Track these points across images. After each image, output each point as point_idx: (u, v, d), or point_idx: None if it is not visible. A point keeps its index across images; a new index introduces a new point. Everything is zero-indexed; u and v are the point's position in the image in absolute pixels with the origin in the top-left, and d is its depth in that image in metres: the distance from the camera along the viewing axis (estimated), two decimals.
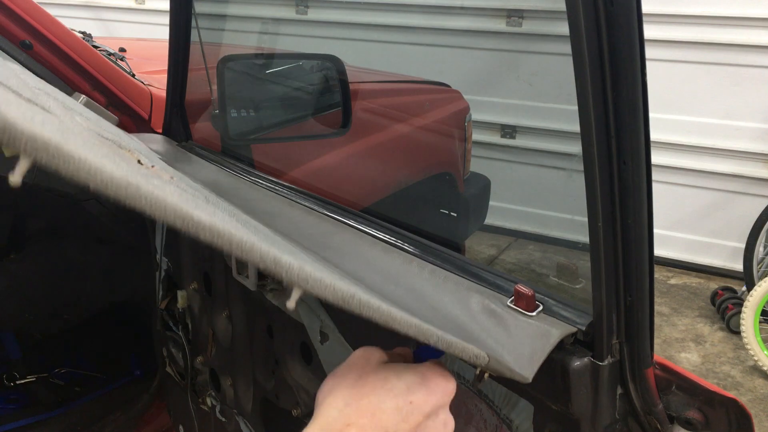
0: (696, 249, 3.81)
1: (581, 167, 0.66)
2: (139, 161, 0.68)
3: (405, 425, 0.55)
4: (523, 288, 0.77)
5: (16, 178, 0.34)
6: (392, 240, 0.98)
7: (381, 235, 1.00)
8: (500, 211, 2.84)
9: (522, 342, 0.72)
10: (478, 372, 0.71)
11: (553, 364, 0.71)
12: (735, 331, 3.20)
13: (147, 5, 5.09)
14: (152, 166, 0.70)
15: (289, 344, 1.21)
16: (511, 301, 0.78)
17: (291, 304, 0.69)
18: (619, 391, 0.74)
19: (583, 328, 0.73)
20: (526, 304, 0.76)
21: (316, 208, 1.11)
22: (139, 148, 0.95)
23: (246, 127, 1.67)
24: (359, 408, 0.54)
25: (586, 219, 0.68)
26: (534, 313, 0.76)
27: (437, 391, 0.58)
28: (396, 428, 0.55)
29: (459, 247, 2.00)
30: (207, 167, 1.35)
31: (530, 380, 0.68)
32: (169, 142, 1.50)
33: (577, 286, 0.97)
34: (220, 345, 1.43)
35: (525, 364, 0.69)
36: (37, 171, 0.38)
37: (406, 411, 0.55)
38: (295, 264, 0.49)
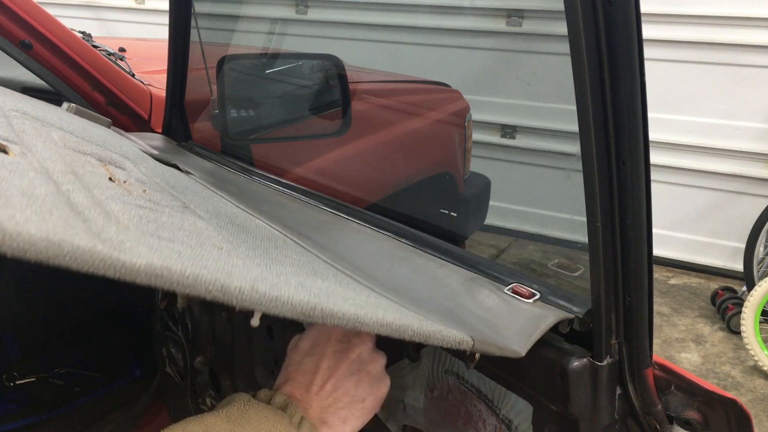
0: (696, 249, 3.81)
1: (580, 167, 0.66)
2: (110, 178, 0.67)
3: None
4: (522, 288, 0.77)
5: None
6: (390, 233, 0.99)
7: (379, 228, 1.01)
8: (500, 211, 2.84)
9: (516, 321, 0.72)
10: (468, 354, 0.71)
11: (552, 365, 0.71)
12: (735, 331, 3.20)
13: (147, 5, 5.10)
14: (124, 182, 0.69)
15: (289, 344, 1.20)
16: (509, 289, 0.79)
17: (255, 321, 0.70)
18: (618, 391, 0.74)
19: (581, 316, 0.72)
20: (522, 293, 0.77)
21: (315, 205, 1.12)
22: (125, 151, 0.94)
23: (246, 127, 1.67)
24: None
25: (585, 219, 0.68)
26: (531, 300, 0.76)
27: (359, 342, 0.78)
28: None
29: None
30: (207, 167, 1.35)
31: (523, 354, 0.67)
32: (169, 142, 1.50)
33: (576, 274, 0.97)
34: (220, 345, 1.43)
35: (517, 340, 0.68)
36: None
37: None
38: (246, 287, 0.48)
